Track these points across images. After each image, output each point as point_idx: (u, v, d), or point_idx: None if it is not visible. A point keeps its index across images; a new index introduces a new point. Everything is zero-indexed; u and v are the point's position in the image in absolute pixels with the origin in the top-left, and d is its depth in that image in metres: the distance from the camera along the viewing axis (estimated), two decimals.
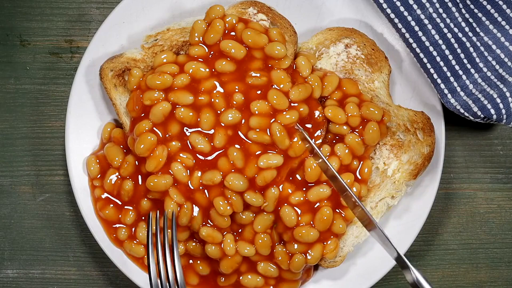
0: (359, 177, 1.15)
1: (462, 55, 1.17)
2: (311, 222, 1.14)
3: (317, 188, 1.14)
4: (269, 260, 1.16)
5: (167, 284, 1.09)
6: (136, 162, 1.16)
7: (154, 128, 1.12)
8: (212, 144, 1.12)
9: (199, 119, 1.12)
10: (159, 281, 1.08)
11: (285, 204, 1.13)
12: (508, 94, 1.17)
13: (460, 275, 1.28)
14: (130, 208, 1.17)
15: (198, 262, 1.18)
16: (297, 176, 1.14)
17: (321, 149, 1.14)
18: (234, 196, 1.11)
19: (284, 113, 1.12)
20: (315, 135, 1.14)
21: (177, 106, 1.12)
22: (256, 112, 1.12)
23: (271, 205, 1.13)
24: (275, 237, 1.15)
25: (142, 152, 1.12)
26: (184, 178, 1.12)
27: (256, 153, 1.12)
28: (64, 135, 1.18)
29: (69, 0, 1.27)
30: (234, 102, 1.12)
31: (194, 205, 1.13)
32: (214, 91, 1.13)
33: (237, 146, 1.12)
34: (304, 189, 1.14)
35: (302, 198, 1.13)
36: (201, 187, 1.12)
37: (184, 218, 1.12)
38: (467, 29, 1.18)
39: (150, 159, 1.12)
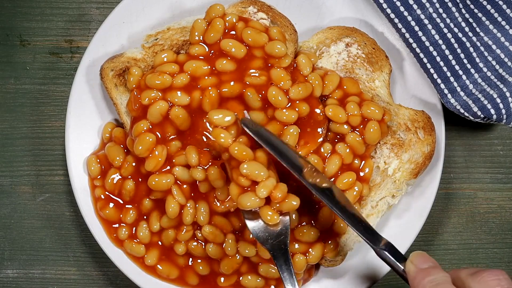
0: (361, 176, 1.15)
1: (462, 55, 1.17)
2: (312, 222, 1.14)
3: None
4: (271, 261, 1.15)
5: None
6: (134, 163, 1.16)
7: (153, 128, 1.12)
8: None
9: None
10: None
11: None
12: (508, 94, 1.17)
13: None
14: (131, 207, 1.17)
15: (199, 261, 1.17)
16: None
17: (322, 147, 1.14)
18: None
19: (285, 111, 1.12)
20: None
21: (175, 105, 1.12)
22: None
23: None
24: None
25: (141, 153, 1.11)
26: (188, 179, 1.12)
27: None
28: (64, 135, 1.18)
29: (69, 0, 1.27)
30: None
31: (197, 205, 1.13)
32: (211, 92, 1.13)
33: None
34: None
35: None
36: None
37: (188, 217, 1.12)
38: (467, 29, 1.18)
39: (149, 159, 1.11)
